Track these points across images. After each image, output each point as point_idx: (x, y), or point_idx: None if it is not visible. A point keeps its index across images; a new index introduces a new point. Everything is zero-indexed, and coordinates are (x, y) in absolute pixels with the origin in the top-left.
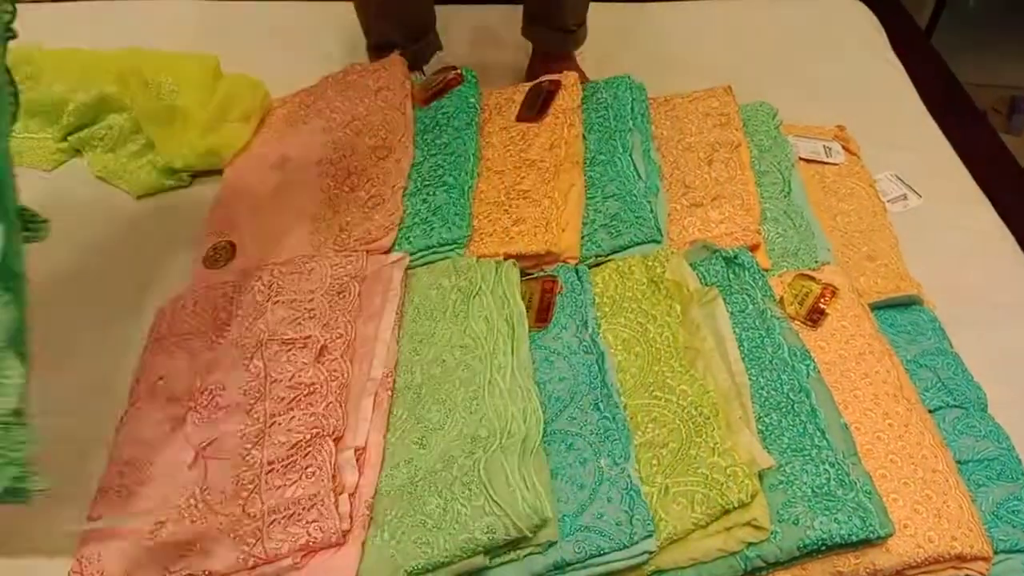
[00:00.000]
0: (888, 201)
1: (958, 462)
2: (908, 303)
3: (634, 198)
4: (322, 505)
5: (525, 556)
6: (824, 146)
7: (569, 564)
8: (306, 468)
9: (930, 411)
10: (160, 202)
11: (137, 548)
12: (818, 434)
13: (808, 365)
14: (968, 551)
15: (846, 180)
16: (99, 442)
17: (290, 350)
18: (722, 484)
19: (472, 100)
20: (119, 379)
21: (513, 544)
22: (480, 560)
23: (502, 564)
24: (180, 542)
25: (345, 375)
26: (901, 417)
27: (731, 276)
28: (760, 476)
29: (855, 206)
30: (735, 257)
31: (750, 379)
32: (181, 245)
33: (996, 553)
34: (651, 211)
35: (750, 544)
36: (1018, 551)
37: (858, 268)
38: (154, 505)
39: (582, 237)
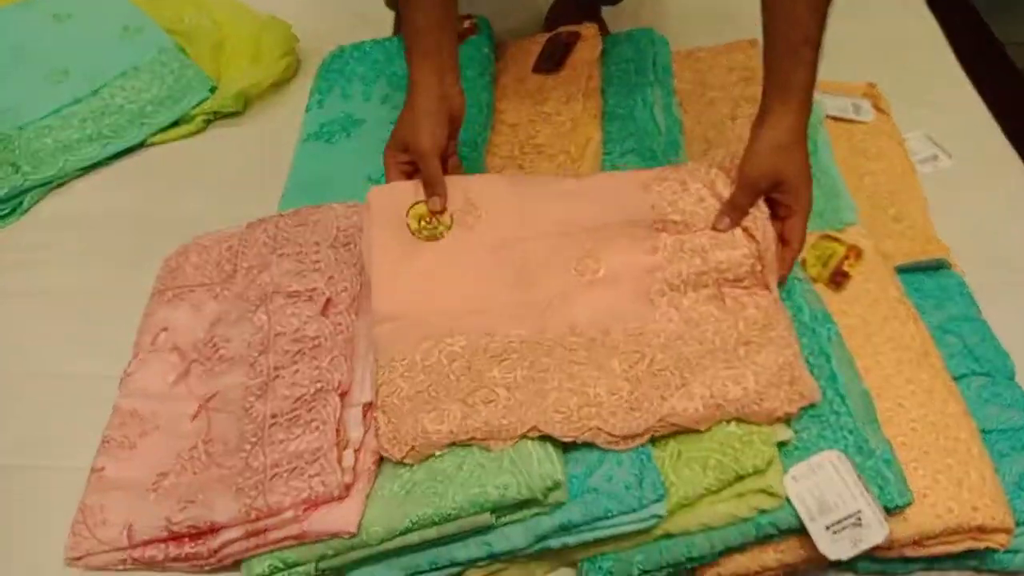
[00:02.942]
0: (918, 161)
1: (982, 431)
2: (936, 267)
3: (653, 154)
4: (325, 459)
5: (531, 516)
6: (853, 104)
7: (576, 526)
8: (310, 422)
9: (955, 378)
10: (172, 149)
11: (140, 499)
12: (838, 400)
13: (829, 329)
14: (989, 522)
15: (875, 139)
16: (104, 394)
17: (295, 303)
18: (737, 450)
19: (486, 50)
20: (128, 331)
21: (521, 504)
22: (486, 518)
23: (508, 524)
24: (182, 494)
25: (350, 329)
26: (924, 384)
27: None
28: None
29: (883, 166)
30: None
31: None
32: (192, 194)
33: (1018, 525)
34: None
35: (763, 511)
36: None
37: (884, 230)
38: (157, 457)
39: None
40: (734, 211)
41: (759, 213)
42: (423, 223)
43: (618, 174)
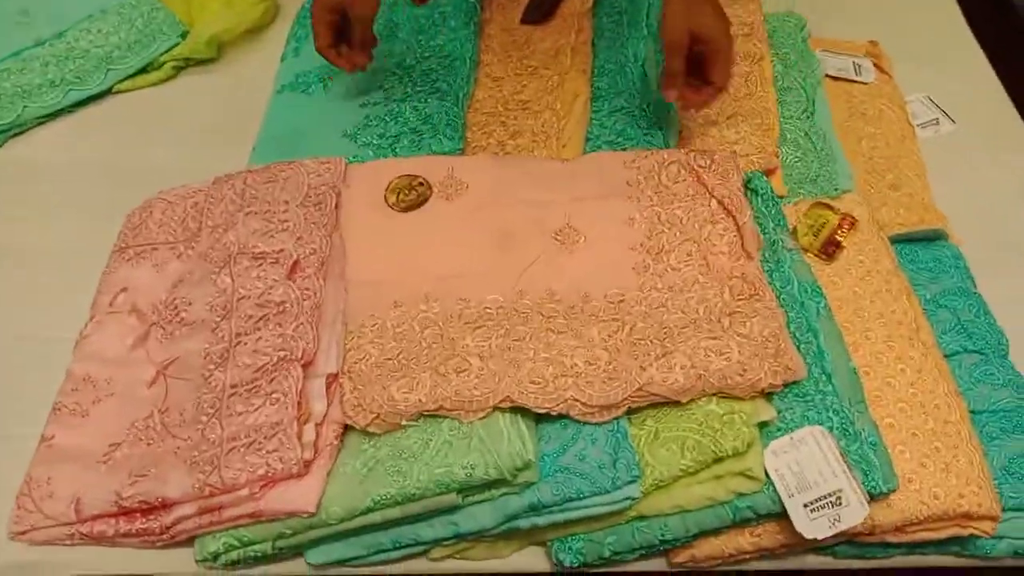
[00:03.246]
0: (918, 125)
1: (972, 412)
2: (932, 237)
3: (643, 114)
4: (284, 435)
5: (500, 496)
6: (854, 63)
7: (546, 506)
8: (271, 394)
9: (947, 355)
10: (140, 97)
11: (89, 471)
12: (824, 378)
13: (818, 303)
14: (975, 510)
15: (875, 101)
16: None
17: (260, 265)
18: (716, 431)
19: None
20: (88, 290)
21: (489, 484)
22: (452, 499)
23: (475, 503)
24: (135, 466)
25: (318, 294)
26: (915, 362)
27: None
28: (759, 424)
29: (882, 130)
30: (748, 182)
31: None
32: (161, 145)
33: (1004, 511)
34: (660, 128)
35: (741, 494)
36: None
37: (880, 197)
38: (110, 426)
39: (584, 154)
40: (672, 77)
41: (735, 190)
42: (401, 196)
43: (601, 153)
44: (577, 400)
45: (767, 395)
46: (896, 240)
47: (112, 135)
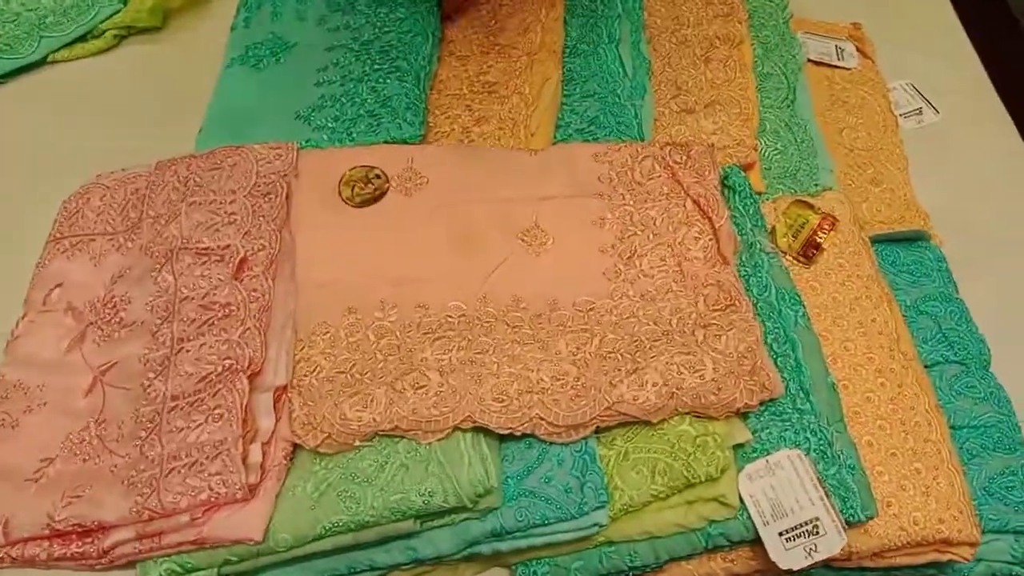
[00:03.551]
0: (901, 115)
1: (952, 427)
2: (914, 238)
3: (617, 99)
4: (227, 456)
5: (461, 521)
6: (837, 47)
7: (509, 532)
8: (213, 409)
9: (927, 366)
10: (77, 68)
11: (19, 491)
12: (802, 395)
13: (797, 311)
14: (955, 536)
15: (857, 88)
16: None
17: (204, 263)
18: (689, 455)
19: None
20: (21, 285)
21: (449, 510)
22: (408, 525)
23: (434, 528)
24: (68, 485)
25: (267, 296)
26: (895, 375)
27: None
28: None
29: (864, 120)
30: (725, 178)
31: None
32: (101, 121)
33: (983, 532)
34: (635, 116)
35: (713, 521)
36: (1007, 531)
37: (861, 192)
38: (42, 439)
39: (554, 143)
40: None
41: (712, 190)
42: (356, 190)
43: (571, 145)
44: (543, 419)
45: (743, 414)
46: (877, 240)
47: (46, 110)
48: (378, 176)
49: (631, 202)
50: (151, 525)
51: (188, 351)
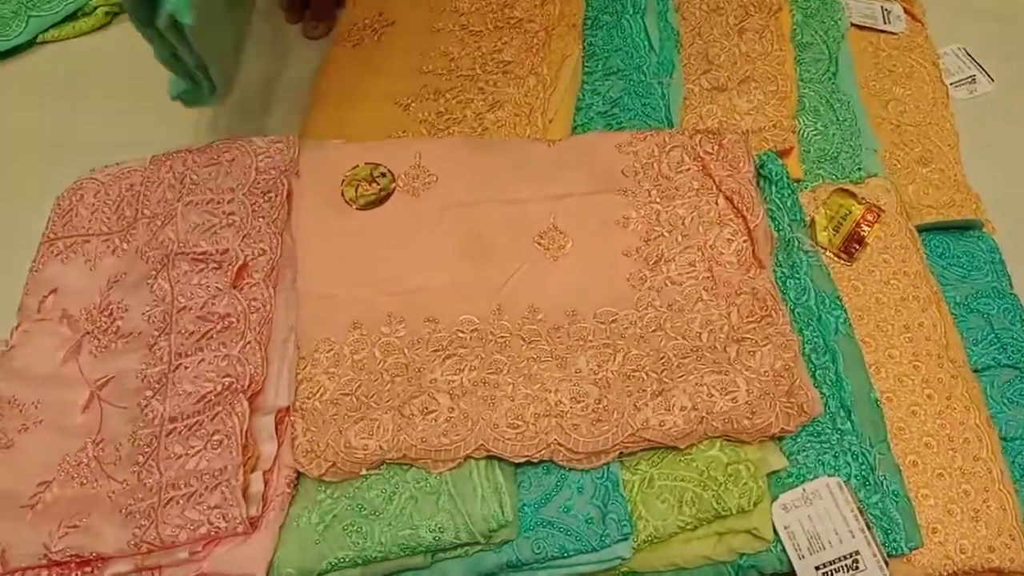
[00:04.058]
0: (952, 84)
1: (1004, 439)
2: (965, 226)
3: (643, 77)
4: (226, 487)
5: (474, 553)
6: (883, 8)
7: (525, 564)
8: (212, 435)
9: (977, 371)
10: (68, 49)
11: (15, 519)
12: (842, 413)
13: (838, 317)
14: (1007, 565)
15: (905, 55)
16: None
17: (202, 270)
18: (720, 485)
19: None
20: (11, 289)
21: (461, 544)
22: (418, 561)
23: (445, 560)
24: (65, 513)
25: (267, 306)
26: (944, 386)
27: None
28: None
29: (912, 91)
30: (761, 166)
31: None
32: (94, 107)
33: None
34: (662, 96)
35: (744, 554)
36: None
37: (907, 174)
38: (39, 460)
39: (573, 128)
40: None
41: (746, 184)
42: (360, 190)
43: (592, 135)
44: (562, 445)
45: (778, 438)
46: (924, 229)
47: (37, 96)
48: (383, 174)
49: (658, 199)
50: (150, 558)
51: (186, 367)
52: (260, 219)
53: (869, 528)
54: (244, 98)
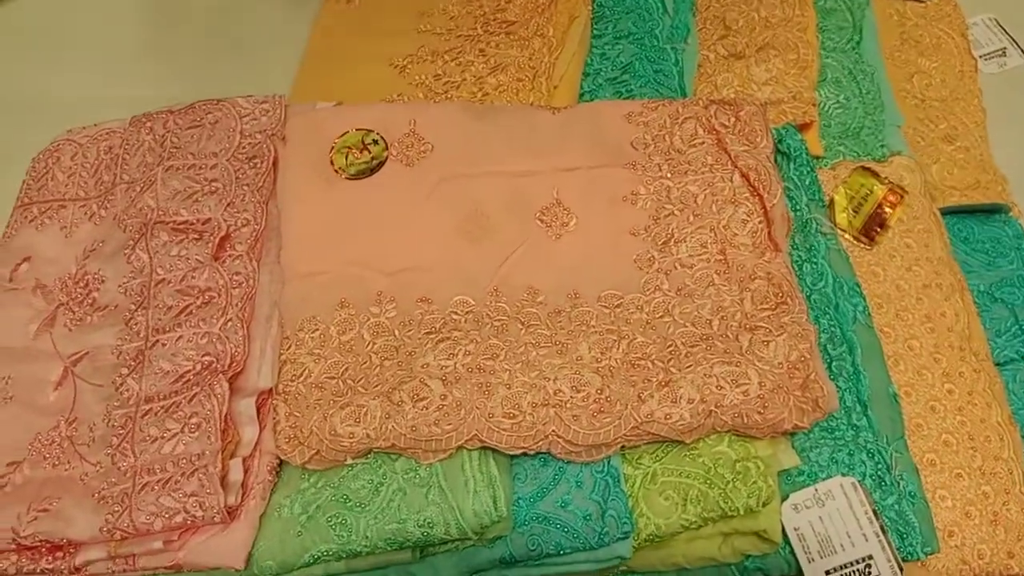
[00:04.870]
0: (981, 57)
1: None
2: (990, 210)
3: (655, 41)
4: (204, 474)
5: (466, 547)
6: None
7: (519, 560)
8: (190, 417)
9: (1000, 364)
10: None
11: None
12: (858, 408)
13: (856, 305)
14: None
15: (932, 25)
16: None
17: (182, 241)
18: (727, 483)
19: None
20: None
21: (451, 540)
22: (405, 556)
23: (435, 554)
24: (35, 495)
25: (251, 281)
26: (965, 381)
27: None
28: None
29: (939, 63)
30: (779, 141)
31: None
32: (71, 63)
33: None
34: (675, 62)
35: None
36: None
37: (931, 152)
38: (9, 439)
39: (580, 95)
40: None
41: (764, 160)
42: (350, 158)
43: (600, 103)
44: (560, 437)
45: (790, 434)
46: (947, 212)
47: (9, 50)
48: (376, 142)
49: (668, 174)
50: (123, 547)
51: (164, 344)
52: (244, 186)
53: (884, 532)
54: (239, 51)
